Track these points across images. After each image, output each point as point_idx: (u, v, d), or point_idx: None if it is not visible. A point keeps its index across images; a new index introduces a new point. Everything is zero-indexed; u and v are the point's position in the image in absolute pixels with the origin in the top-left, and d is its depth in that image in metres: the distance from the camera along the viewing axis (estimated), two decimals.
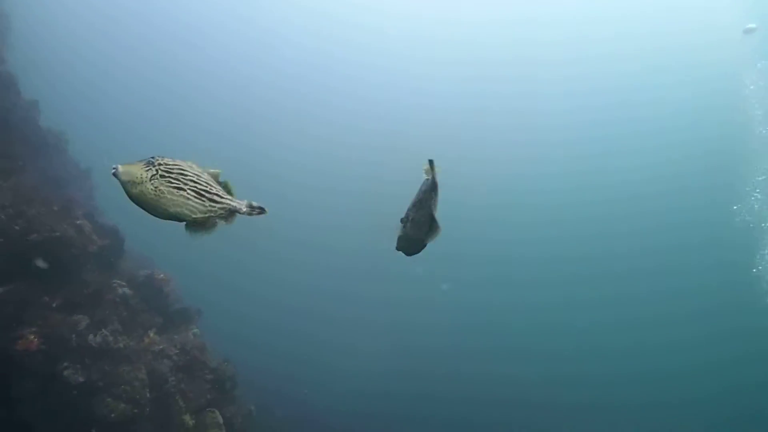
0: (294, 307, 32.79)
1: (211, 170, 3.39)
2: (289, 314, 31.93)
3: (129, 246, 11.58)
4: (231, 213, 3.37)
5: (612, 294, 41.38)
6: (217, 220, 3.33)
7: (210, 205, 3.28)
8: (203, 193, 3.25)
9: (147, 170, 3.11)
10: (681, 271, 43.35)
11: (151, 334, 10.05)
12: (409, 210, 3.82)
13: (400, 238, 3.89)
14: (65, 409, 8.98)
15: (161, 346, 10.27)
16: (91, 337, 9.04)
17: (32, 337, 8.91)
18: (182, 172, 3.21)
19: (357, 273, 36.48)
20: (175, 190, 3.17)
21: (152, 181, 3.11)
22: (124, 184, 3.11)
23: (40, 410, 8.98)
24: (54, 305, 9.25)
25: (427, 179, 3.80)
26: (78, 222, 9.80)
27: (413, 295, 34.99)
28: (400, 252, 3.95)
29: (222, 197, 3.32)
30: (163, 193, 3.13)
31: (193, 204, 3.22)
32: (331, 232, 43.08)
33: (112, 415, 8.96)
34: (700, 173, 45.49)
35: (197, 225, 3.28)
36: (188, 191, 3.20)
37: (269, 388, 18.10)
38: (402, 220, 3.84)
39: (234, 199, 3.37)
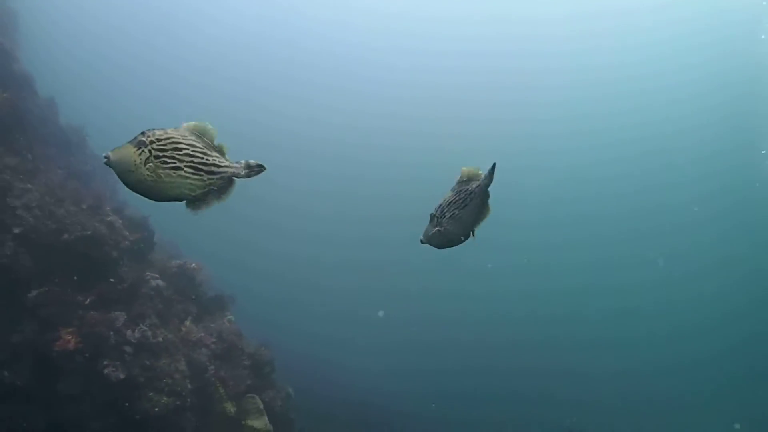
0: (324, 287, 33.04)
1: (198, 125, 3.18)
2: (321, 294, 32.18)
3: (156, 236, 11.57)
4: (230, 180, 3.22)
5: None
6: (217, 192, 3.20)
7: (209, 179, 3.13)
8: (200, 166, 3.10)
9: (140, 153, 2.96)
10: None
11: (188, 324, 10.07)
12: (443, 207, 3.67)
13: (433, 235, 3.70)
14: (108, 407, 9.07)
15: (198, 336, 10.31)
16: (129, 333, 9.07)
17: (70, 337, 8.98)
18: (176, 146, 3.04)
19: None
20: (172, 171, 3.02)
21: (147, 166, 2.97)
22: (119, 173, 2.99)
23: (83, 409, 9.08)
24: (90, 304, 9.29)
25: (481, 183, 3.64)
26: (108, 219, 9.79)
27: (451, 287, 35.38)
28: (427, 245, 3.80)
29: (219, 165, 3.17)
30: (160, 177, 3.00)
31: (191, 182, 3.09)
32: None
33: (156, 410, 9.02)
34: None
35: (198, 201, 3.17)
36: (185, 169, 3.06)
37: (305, 372, 18.19)
38: (434, 217, 3.68)
39: (231, 164, 3.20)
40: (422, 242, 3.75)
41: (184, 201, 3.15)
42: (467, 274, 35.85)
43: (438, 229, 3.65)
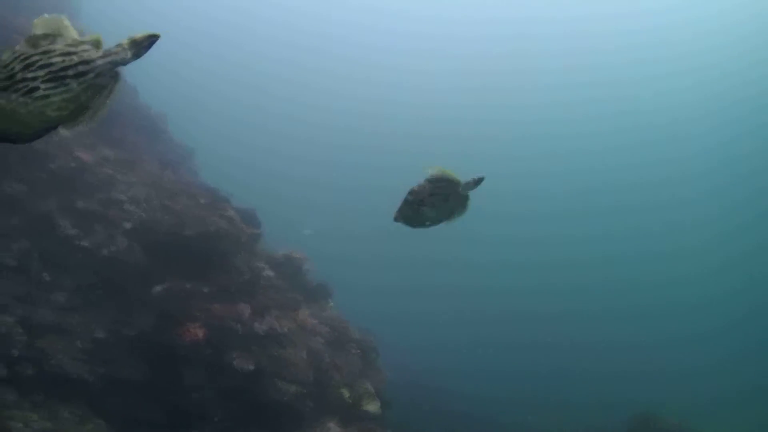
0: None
1: (46, 19, 2.40)
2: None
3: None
4: (114, 74, 2.45)
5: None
6: (100, 94, 2.43)
7: (79, 84, 2.37)
8: (62, 73, 2.35)
9: None
10: None
11: (307, 315, 10.28)
12: (424, 196, 3.96)
13: (408, 215, 4.03)
14: (236, 396, 9.33)
15: (313, 324, 10.52)
16: (256, 324, 9.28)
17: (198, 330, 9.20)
18: (27, 63, 2.33)
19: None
20: (26, 98, 2.31)
21: None
22: None
23: (207, 398, 9.34)
24: (214, 296, 9.50)
25: (466, 186, 3.99)
26: (228, 213, 9.96)
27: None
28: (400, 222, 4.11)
29: (90, 60, 2.39)
30: (12, 110, 2.32)
31: (57, 98, 2.35)
32: None
33: (285, 399, 9.26)
34: None
35: (77, 115, 2.42)
36: (42, 86, 2.32)
37: (398, 358, 18.41)
38: (412, 202, 3.97)
39: (109, 50, 2.43)
40: (396, 220, 4.02)
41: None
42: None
43: (419, 212, 3.97)
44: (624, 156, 52.33)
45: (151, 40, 2.49)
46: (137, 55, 2.48)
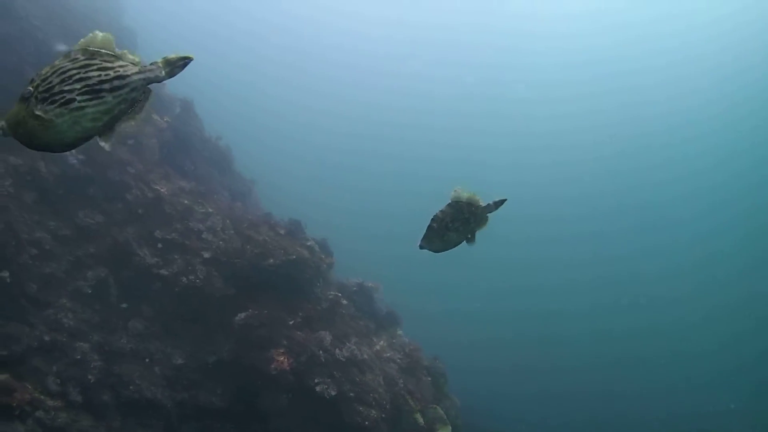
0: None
1: (87, 38, 2.57)
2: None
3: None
4: (146, 90, 2.64)
5: None
6: (133, 108, 2.62)
7: (114, 98, 2.53)
8: (98, 87, 2.50)
9: (25, 105, 2.45)
10: None
11: (381, 341, 10.54)
12: (446, 221, 4.02)
13: (434, 242, 4.06)
14: (318, 421, 9.58)
15: (389, 352, 10.79)
16: (338, 351, 9.55)
17: (282, 357, 9.49)
18: (64, 77, 2.47)
19: None
20: (63, 108, 2.45)
21: (35, 114, 2.43)
22: (12, 136, 2.53)
23: (294, 424, 9.60)
24: (296, 324, 9.82)
25: (486, 209, 4.07)
26: (309, 243, 10.30)
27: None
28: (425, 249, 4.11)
29: (125, 76, 2.55)
30: (50, 121, 2.44)
31: (92, 110, 2.50)
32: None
33: (366, 423, 9.50)
34: None
35: (111, 128, 2.59)
36: (79, 99, 2.46)
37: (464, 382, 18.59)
38: (436, 228, 4.00)
39: (145, 67, 2.61)
40: (422, 248, 4.04)
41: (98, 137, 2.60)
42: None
43: (444, 238, 4.01)
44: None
45: (185, 61, 2.67)
46: (171, 75, 2.66)
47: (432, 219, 4.00)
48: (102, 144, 2.57)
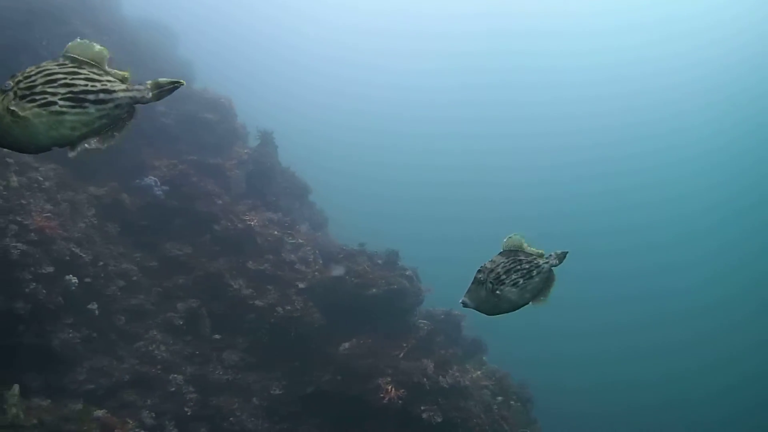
0: None
1: (78, 44, 2.53)
2: None
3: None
4: (131, 108, 2.58)
5: None
6: (114, 126, 2.56)
7: (97, 110, 2.49)
8: (82, 96, 2.46)
9: (2, 99, 2.37)
10: None
11: (479, 372, 10.86)
12: (499, 273, 3.40)
13: (486, 300, 3.41)
14: None
15: (479, 377, 11.11)
16: (441, 378, 9.86)
17: (390, 386, 9.78)
18: (50, 78, 2.43)
19: None
20: (42, 109, 2.39)
21: (10, 110, 2.36)
22: None
23: None
24: (399, 353, 10.14)
25: (550, 263, 3.51)
26: (407, 273, 10.66)
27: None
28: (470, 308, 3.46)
29: (111, 91, 2.51)
30: (25, 119, 2.37)
31: (71, 118, 2.44)
32: None
33: None
34: None
35: (88, 141, 2.51)
36: (60, 104, 2.41)
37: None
38: (485, 281, 3.38)
39: (131, 87, 2.56)
40: (465, 305, 3.40)
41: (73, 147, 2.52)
42: None
43: (497, 293, 3.36)
44: None
45: (175, 86, 2.63)
46: (158, 97, 2.62)
47: (478, 270, 3.39)
48: (70, 154, 2.50)
